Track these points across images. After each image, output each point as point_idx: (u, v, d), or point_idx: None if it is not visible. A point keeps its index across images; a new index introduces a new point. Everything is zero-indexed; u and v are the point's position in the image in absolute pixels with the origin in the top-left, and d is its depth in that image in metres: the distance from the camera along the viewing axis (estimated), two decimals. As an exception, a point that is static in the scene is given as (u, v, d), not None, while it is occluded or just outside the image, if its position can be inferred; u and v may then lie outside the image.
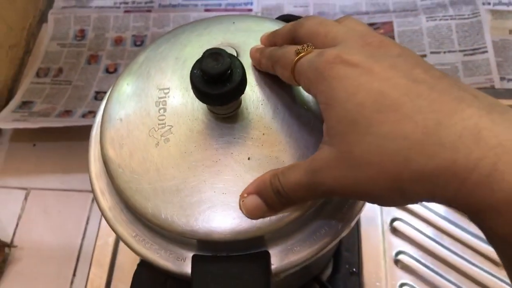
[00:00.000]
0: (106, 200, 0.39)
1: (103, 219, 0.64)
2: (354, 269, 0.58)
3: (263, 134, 0.36)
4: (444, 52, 0.88)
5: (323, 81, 0.30)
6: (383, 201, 0.29)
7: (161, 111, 0.38)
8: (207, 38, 0.41)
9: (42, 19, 1.02)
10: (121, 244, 0.63)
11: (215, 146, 0.36)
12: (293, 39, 0.35)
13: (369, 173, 0.28)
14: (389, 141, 0.27)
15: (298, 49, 0.33)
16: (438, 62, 0.87)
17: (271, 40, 0.38)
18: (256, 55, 0.38)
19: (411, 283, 0.58)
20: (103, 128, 0.39)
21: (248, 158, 0.35)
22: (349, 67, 0.29)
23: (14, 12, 0.94)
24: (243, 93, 0.34)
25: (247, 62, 0.39)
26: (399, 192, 0.28)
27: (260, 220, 0.33)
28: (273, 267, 0.35)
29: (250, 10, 0.99)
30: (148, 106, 0.38)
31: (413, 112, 0.26)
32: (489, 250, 0.60)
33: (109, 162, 0.37)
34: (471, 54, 0.87)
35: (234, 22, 0.42)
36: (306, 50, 0.32)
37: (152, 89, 0.39)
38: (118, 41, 0.97)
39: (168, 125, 0.37)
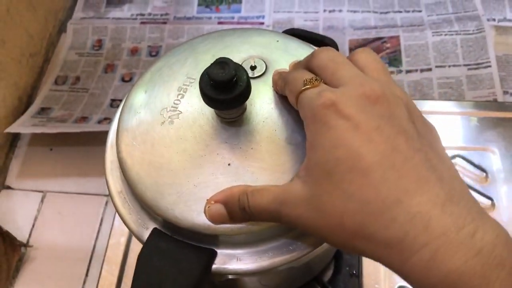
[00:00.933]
0: (111, 154, 0.43)
1: (116, 219, 0.67)
2: (354, 271, 0.60)
3: (252, 148, 0.38)
4: (449, 66, 0.89)
5: (315, 123, 0.32)
6: (336, 247, 0.32)
7: (179, 96, 0.41)
8: (247, 47, 0.44)
9: (62, 29, 1.04)
10: (133, 243, 0.65)
11: (207, 143, 0.38)
12: (308, 69, 0.37)
13: (329, 223, 0.30)
14: (353, 201, 0.29)
15: (306, 80, 0.34)
16: (442, 76, 0.88)
17: (293, 69, 0.40)
18: (275, 77, 0.40)
19: (408, 286, 0.59)
20: (131, 93, 0.43)
21: (229, 164, 0.37)
22: (340, 118, 0.30)
23: (35, 22, 0.97)
24: (243, 103, 0.36)
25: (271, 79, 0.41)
26: (351, 246, 0.30)
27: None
28: (214, 266, 0.36)
29: (262, 23, 1.01)
30: (171, 88, 0.42)
31: (380, 182, 0.29)
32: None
33: (120, 122, 0.41)
34: (475, 69, 0.88)
35: (278, 41, 0.44)
36: (313, 83, 0.34)
37: (181, 75, 0.42)
38: (134, 51, 0.99)
39: (178, 110, 0.40)
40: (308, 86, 0.34)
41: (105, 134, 0.45)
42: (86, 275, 0.75)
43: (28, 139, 0.90)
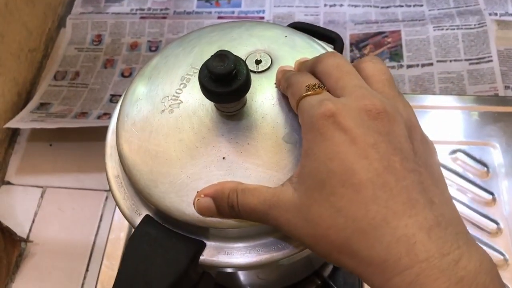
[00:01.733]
0: (112, 139, 0.43)
1: (115, 214, 0.67)
2: (355, 266, 0.60)
3: (248, 143, 0.37)
4: (450, 61, 0.89)
5: (312, 131, 0.31)
6: (319, 256, 0.32)
7: (182, 86, 0.41)
8: (254, 40, 0.43)
9: (61, 24, 1.04)
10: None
11: (204, 135, 0.38)
12: (312, 72, 0.36)
13: (315, 233, 0.30)
14: (341, 216, 0.29)
15: (308, 86, 0.34)
16: (444, 71, 0.88)
17: (298, 68, 0.39)
18: (278, 75, 0.39)
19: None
20: (135, 78, 0.43)
21: (223, 158, 0.37)
22: (338, 130, 0.30)
23: (34, 17, 0.96)
24: (241, 97, 0.36)
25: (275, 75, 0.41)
26: (334, 258, 0.30)
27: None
28: (201, 258, 0.37)
29: (262, 18, 1.01)
30: (174, 77, 0.41)
31: (370, 200, 0.28)
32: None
33: (122, 106, 0.41)
34: (477, 63, 0.88)
35: (286, 36, 0.43)
36: (315, 90, 0.33)
37: (186, 64, 0.42)
38: (134, 46, 0.99)
39: (179, 100, 0.40)
40: (310, 92, 0.33)
41: (105, 129, 0.45)
42: (87, 270, 0.75)
43: (27, 135, 0.90)
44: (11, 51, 0.89)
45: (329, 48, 0.45)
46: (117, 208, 0.41)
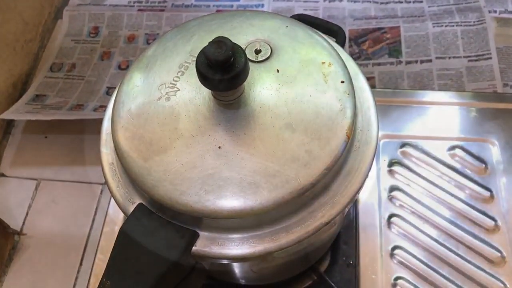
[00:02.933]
0: (109, 126, 0.42)
1: (110, 207, 0.66)
2: (351, 261, 0.59)
3: (245, 133, 0.37)
4: (449, 58, 0.89)
5: None
6: None
7: (179, 74, 0.40)
8: (255, 30, 0.42)
9: (58, 15, 1.03)
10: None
11: (200, 123, 0.38)
12: None
13: None
14: None
15: None
16: (443, 67, 0.88)
17: None
18: None
19: (405, 276, 0.59)
20: (133, 64, 0.43)
21: (219, 147, 0.37)
22: None
23: (30, 8, 0.96)
24: (238, 85, 0.35)
25: (276, 65, 0.40)
26: None
27: (200, 205, 0.35)
28: (194, 248, 0.36)
29: (261, 12, 1.00)
30: (172, 65, 0.41)
31: None
32: (482, 247, 0.62)
33: (119, 93, 0.41)
34: (476, 60, 0.88)
35: (287, 26, 0.43)
36: None
37: (184, 52, 0.42)
38: (131, 39, 0.98)
39: (176, 88, 0.40)
40: None
41: (101, 121, 0.44)
42: (80, 263, 0.75)
43: (22, 126, 0.90)
44: (6, 42, 0.89)
45: (331, 41, 0.45)
46: (112, 201, 0.41)
